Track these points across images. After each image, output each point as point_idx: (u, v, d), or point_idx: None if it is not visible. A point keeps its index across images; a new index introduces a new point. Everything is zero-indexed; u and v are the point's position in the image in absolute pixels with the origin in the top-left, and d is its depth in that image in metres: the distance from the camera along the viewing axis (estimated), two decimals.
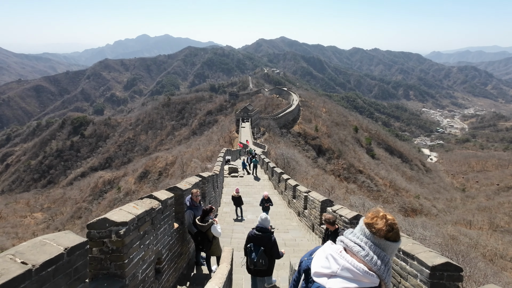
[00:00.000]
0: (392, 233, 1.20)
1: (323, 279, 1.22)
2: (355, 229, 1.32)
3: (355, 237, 1.27)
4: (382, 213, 1.26)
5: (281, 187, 12.82)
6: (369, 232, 1.22)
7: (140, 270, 2.84)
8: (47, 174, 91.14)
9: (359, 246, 1.22)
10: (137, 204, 3.00)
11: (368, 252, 1.19)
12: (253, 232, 4.06)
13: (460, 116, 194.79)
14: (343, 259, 1.20)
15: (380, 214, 1.25)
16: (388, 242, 1.20)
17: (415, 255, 2.74)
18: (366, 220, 1.27)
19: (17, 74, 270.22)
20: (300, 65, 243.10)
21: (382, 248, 1.20)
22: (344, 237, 1.32)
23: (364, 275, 1.15)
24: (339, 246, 1.30)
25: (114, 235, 2.43)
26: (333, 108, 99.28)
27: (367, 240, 1.22)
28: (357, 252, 1.21)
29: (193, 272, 4.70)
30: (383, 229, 1.20)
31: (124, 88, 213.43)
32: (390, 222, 1.21)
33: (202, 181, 6.34)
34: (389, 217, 1.23)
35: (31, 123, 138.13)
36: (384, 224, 1.21)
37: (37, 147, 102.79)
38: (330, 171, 54.16)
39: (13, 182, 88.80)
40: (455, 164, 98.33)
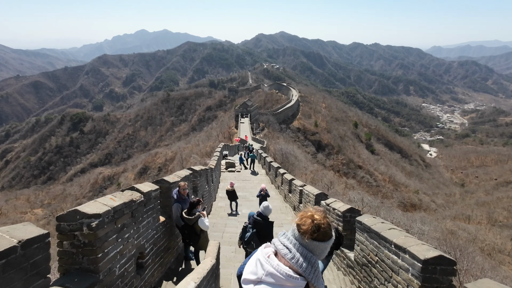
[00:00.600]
0: (318, 233, 1.16)
1: (249, 286, 1.18)
2: (290, 230, 1.27)
3: (285, 238, 1.23)
4: (310, 212, 1.22)
5: (278, 182, 12.71)
6: (298, 233, 1.19)
7: (117, 264, 2.70)
8: (47, 171, 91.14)
9: (287, 248, 1.19)
10: (115, 196, 2.85)
11: (295, 254, 1.16)
12: (254, 217, 4.36)
13: (460, 111, 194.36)
14: (268, 264, 1.16)
15: (308, 214, 1.21)
16: (315, 242, 1.16)
17: (407, 248, 2.60)
18: (296, 220, 1.23)
19: (15, 70, 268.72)
20: (300, 60, 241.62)
21: (309, 249, 1.17)
22: (276, 239, 1.28)
23: (287, 279, 1.12)
24: (269, 250, 1.25)
25: (85, 227, 2.28)
26: (332, 103, 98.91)
27: (296, 241, 1.19)
28: (284, 254, 1.17)
29: (182, 267, 4.57)
30: (309, 230, 1.16)
31: (123, 84, 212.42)
32: (316, 223, 1.17)
33: (193, 174, 6.19)
34: (316, 217, 1.19)
35: (30, 119, 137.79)
36: (310, 224, 1.17)
37: (37, 143, 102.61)
38: (330, 167, 54.11)
39: (13, 179, 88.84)
40: (454, 159, 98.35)
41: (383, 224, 3.29)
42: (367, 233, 3.46)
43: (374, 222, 3.40)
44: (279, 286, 1.12)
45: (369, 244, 3.39)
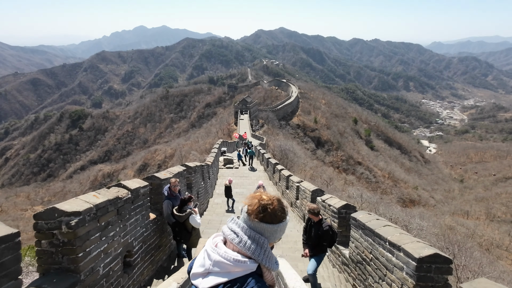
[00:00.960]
0: (265, 214, 1.09)
1: (198, 280, 1.09)
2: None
3: (233, 224, 1.15)
4: (259, 193, 1.17)
5: (276, 178, 12.63)
6: (247, 215, 1.12)
7: (101, 264, 2.60)
8: (47, 168, 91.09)
9: (234, 233, 1.11)
10: (99, 193, 2.74)
11: (242, 237, 1.09)
12: None
13: (460, 107, 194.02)
14: (215, 253, 1.09)
15: (256, 195, 1.16)
16: (262, 224, 1.09)
17: (402, 246, 2.50)
18: (245, 201, 1.17)
19: (13, 67, 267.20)
20: (300, 57, 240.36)
21: (257, 230, 1.10)
22: (224, 225, 1.19)
23: (235, 263, 1.05)
24: (217, 238, 1.16)
25: (64, 226, 2.18)
26: (332, 99, 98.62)
27: (244, 224, 1.12)
28: (231, 240, 1.10)
29: (174, 265, 4.48)
30: (255, 210, 1.10)
31: (122, 80, 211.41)
32: (263, 203, 1.11)
33: (187, 171, 6.09)
34: (263, 197, 1.13)
35: (29, 116, 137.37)
36: (256, 204, 1.11)
37: (36, 140, 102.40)
38: (329, 163, 54.10)
39: (12, 176, 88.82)
40: (453, 155, 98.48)
41: (378, 220, 3.20)
42: (362, 230, 3.37)
43: (369, 219, 3.31)
44: (227, 273, 1.05)
45: (364, 241, 3.30)
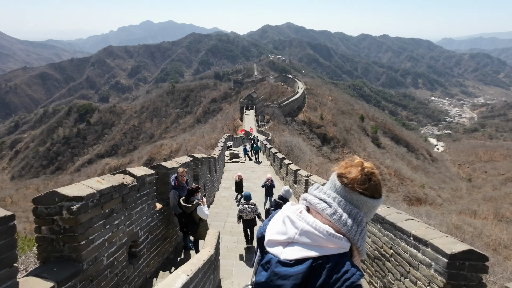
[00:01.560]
0: (369, 185, 0.91)
1: (278, 248, 0.93)
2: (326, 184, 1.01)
3: (321, 192, 0.97)
4: (358, 159, 0.97)
5: (283, 173, 12.43)
6: (340, 184, 0.93)
7: (105, 253, 2.45)
8: (55, 161, 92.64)
9: (325, 202, 0.93)
10: (103, 178, 2.58)
11: (336, 209, 0.91)
12: (276, 200, 4.88)
13: (470, 105, 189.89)
14: (302, 221, 0.91)
15: (356, 161, 0.96)
16: (363, 196, 0.90)
17: (429, 241, 2.28)
18: (338, 169, 0.98)
19: (22, 61, 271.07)
20: (306, 52, 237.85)
21: (355, 204, 0.91)
22: (307, 193, 1.02)
23: (328, 238, 0.87)
24: (301, 205, 1.00)
25: (65, 211, 2.03)
26: (339, 96, 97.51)
27: (336, 195, 0.93)
28: (322, 210, 0.92)
29: (180, 257, 4.35)
30: (358, 178, 0.90)
31: (129, 75, 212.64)
32: (367, 171, 0.92)
33: (194, 162, 5.93)
34: (366, 165, 0.94)
35: (38, 110, 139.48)
36: (358, 172, 0.91)
37: (45, 134, 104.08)
38: (335, 160, 53.63)
39: (22, 168, 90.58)
40: (462, 154, 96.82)
41: (399, 214, 2.99)
42: (380, 224, 3.16)
43: (388, 212, 3.10)
44: (316, 247, 0.87)
45: (383, 236, 3.10)
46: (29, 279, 1.76)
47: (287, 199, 4.65)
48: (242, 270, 4.01)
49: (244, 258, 4.73)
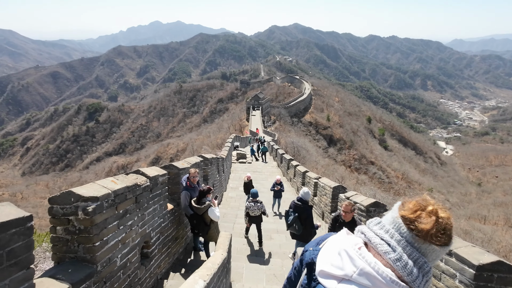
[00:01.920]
0: (444, 236, 0.80)
1: (332, 282, 0.86)
2: (384, 218, 0.91)
3: (382, 230, 0.86)
4: (432, 206, 0.83)
5: (290, 174, 12.33)
6: (407, 230, 0.82)
7: (119, 254, 2.42)
8: (65, 158, 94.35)
9: (388, 244, 0.83)
10: (118, 178, 2.56)
11: (401, 255, 0.80)
12: (294, 202, 4.78)
13: (480, 108, 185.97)
14: (363, 260, 0.83)
15: (429, 209, 0.82)
16: (434, 246, 0.79)
17: (454, 250, 2.18)
18: (405, 212, 0.84)
19: (34, 60, 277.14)
20: (314, 53, 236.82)
21: (422, 252, 0.81)
22: (367, 228, 0.92)
23: (390, 285, 0.78)
24: (358, 239, 0.91)
25: (81, 212, 2.00)
26: (346, 97, 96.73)
27: (401, 238, 0.82)
28: (384, 252, 0.82)
29: (190, 258, 4.32)
30: (432, 232, 0.79)
31: (137, 75, 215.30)
32: (444, 223, 0.80)
33: (204, 162, 5.91)
34: (442, 215, 0.81)
35: (49, 108, 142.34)
36: (433, 224, 0.79)
37: (55, 131, 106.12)
38: (341, 162, 53.16)
39: (33, 165, 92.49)
40: (472, 157, 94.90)
41: None
42: None
43: None
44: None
45: None
46: (44, 281, 1.74)
47: (306, 201, 4.73)
48: (252, 273, 3.96)
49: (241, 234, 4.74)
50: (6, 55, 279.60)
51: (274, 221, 7.03)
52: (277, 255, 4.61)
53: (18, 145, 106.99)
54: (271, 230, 6.09)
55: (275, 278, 3.86)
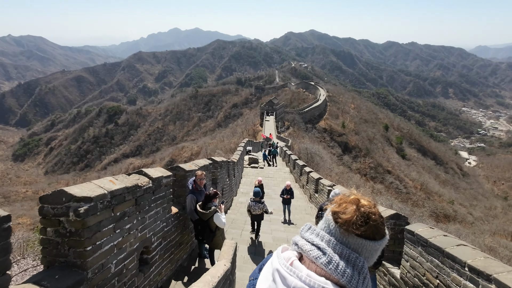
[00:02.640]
0: (367, 227, 0.75)
1: None
2: (320, 222, 0.85)
3: (313, 235, 0.80)
4: (353, 196, 0.80)
5: (303, 181, 11.96)
6: (335, 225, 0.77)
7: (113, 260, 2.26)
8: (85, 159, 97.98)
9: (318, 248, 0.77)
10: (117, 178, 2.41)
11: (331, 256, 0.74)
12: (326, 203, 4.57)
13: (507, 118, 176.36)
14: (294, 276, 0.74)
15: (351, 198, 0.79)
16: (361, 239, 0.75)
17: (493, 275, 1.85)
18: (333, 207, 0.81)
19: (61, 65, 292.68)
20: (329, 59, 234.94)
21: (353, 247, 0.75)
22: (298, 236, 0.86)
23: None
24: (292, 253, 0.82)
25: (72, 213, 1.85)
26: (362, 104, 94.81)
27: (330, 237, 0.77)
28: (315, 258, 0.76)
29: (194, 265, 4.11)
30: (353, 221, 0.75)
31: (156, 79, 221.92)
32: (364, 210, 0.76)
33: (213, 165, 5.74)
34: (363, 202, 0.78)
35: (72, 110, 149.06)
36: (354, 212, 0.76)
37: (77, 133, 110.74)
38: (356, 170, 51.82)
39: (55, 164, 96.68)
40: (497, 169, 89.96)
41: (447, 238, 2.54)
42: (422, 247, 2.72)
43: (433, 234, 2.66)
44: None
45: (425, 262, 2.65)
46: (27, 287, 1.58)
47: None
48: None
49: (247, 251, 4.71)
50: (36, 60, 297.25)
51: (284, 229, 6.72)
52: None
53: (42, 145, 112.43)
54: (282, 239, 5.79)
55: None
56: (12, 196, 52.62)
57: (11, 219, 1.36)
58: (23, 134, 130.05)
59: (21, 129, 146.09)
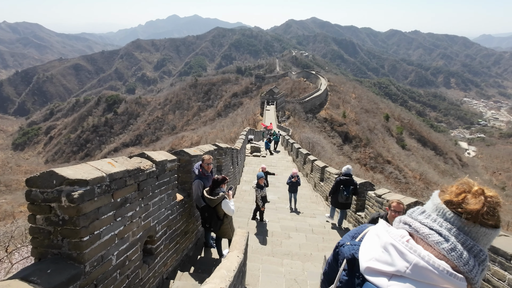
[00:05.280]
0: (495, 217, 0.76)
1: (382, 279, 0.80)
2: (425, 206, 0.87)
3: (429, 219, 0.81)
4: (476, 186, 0.80)
5: (307, 169, 11.74)
6: (453, 214, 0.78)
7: (115, 251, 2.01)
8: (84, 148, 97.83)
9: (439, 234, 0.78)
10: (117, 160, 2.13)
11: (455, 244, 0.75)
12: (341, 177, 5.87)
13: (508, 108, 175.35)
14: (415, 254, 0.76)
15: (474, 189, 0.79)
16: (484, 228, 0.76)
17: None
18: (448, 196, 0.81)
19: (58, 53, 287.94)
20: (331, 48, 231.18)
21: (473, 237, 0.76)
22: (410, 218, 0.86)
23: (446, 277, 0.73)
24: (403, 231, 0.84)
25: (64, 198, 1.58)
26: (363, 94, 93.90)
27: (451, 225, 0.78)
28: (436, 243, 0.77)
29: (200, 255, 3.90)
30: (482, 211, 0.75)
31: (154, 68, 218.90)
32: (493, 201, 0.77)
33: (218, 151, 5.47)
34: (489, 193, 0.78)
35: (71, 99, 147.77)
36: (483, 204, 0.76)
37: (76, 122, 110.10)
38: (356, 160, 51.80)
39: (55, 153, 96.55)
40: (496, 160, 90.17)
41: None
42: None
43: None
44: (428, 285, 0.74)
45: None
46: (12, 284, 1.38)
47: (350, 174, 5.90)
48: (270, 277, 3.48)
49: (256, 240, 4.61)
50: (32, 48, 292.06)
51: (292, 218, 6.52)
52: (297, 256, 4.10)
53: (42, 134, 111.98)
54: (290, 228, 5.58)
55: (296, 284, 3.36)
56: (13, 185, 52.72)
57: None
58: (22, 123, 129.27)
59: (20, 118, 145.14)
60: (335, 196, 5.84)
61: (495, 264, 2.03)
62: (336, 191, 5.82)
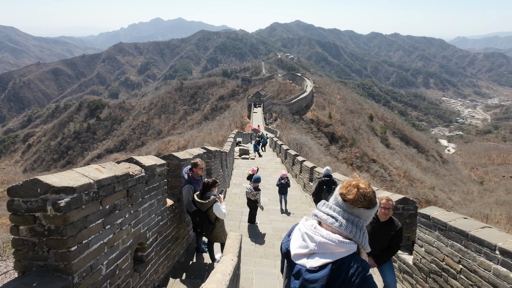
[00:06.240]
0: (365, 201, 1.19)
1: (303, 260, 1.20)
2: (329, 200, 1.29)
3: (327, 208, 1.25)
4: (355, 182, 1.25)
5: (296, 170, 11.83)
6: (342, 201, 1.22)
7: (104, 260, 1.93)
8: (66, 155, 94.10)
9: (332, 217, 1.21)
10: (104, 166, 2.06)
11: (341, 221, 1.19)
12: (323, 178, 6.15)
13: (483, 106, 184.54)
14: (318, 235, 1.19)
15: (353, 183, 1.24)
16: (361, 209, 1.20)
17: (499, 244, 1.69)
18: (340, 189, 1.25)
19: (36, 57, 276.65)
20: (315, 50, 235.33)
21: (355, 214, 1.20)
22: (317, 210, 1.29)
23: (339, 244, 1.14)
24: (313, 221, 1.27)
25: (50, 207, 1.51)
26: (348, 95, 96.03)
27: (340, 209, 1.21)
28: (331, 223, 1.20)
29: (192, 260, 3.83)
30: (356, 199, 1.19)
31: (138, 72, 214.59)
32: (362, 192, 1.20)
33: (207, 154, 5.42)
34: (361, 186, 1.22)
35: (50, 105, 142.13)
36: (356, 193, 1.20)
37: (56, 128, 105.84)
38: (343, 159, 52.74)
39: (34, 162, 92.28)
40: (474, 156, 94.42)
41: (468, 220, 2.39)
42: (440, 231, 2.57)
43: (452, 218, 2.51)
44: (332, 254, 1.15)
45: (445, 246, 2.50)
46: None
47: (330, 174, 6.22)
48: (264, 280, 3.47)
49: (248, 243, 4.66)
50: (7, 52, 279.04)
51: (283, 219, 6.54)
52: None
53: (19, 142, 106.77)
54: (282, 229, 5.59)
55: None
56: None
57: None
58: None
59: None
60: (319, 196, 6.05)
61: (481, 255, 2.12)
62: (319, 191, 6.04)
